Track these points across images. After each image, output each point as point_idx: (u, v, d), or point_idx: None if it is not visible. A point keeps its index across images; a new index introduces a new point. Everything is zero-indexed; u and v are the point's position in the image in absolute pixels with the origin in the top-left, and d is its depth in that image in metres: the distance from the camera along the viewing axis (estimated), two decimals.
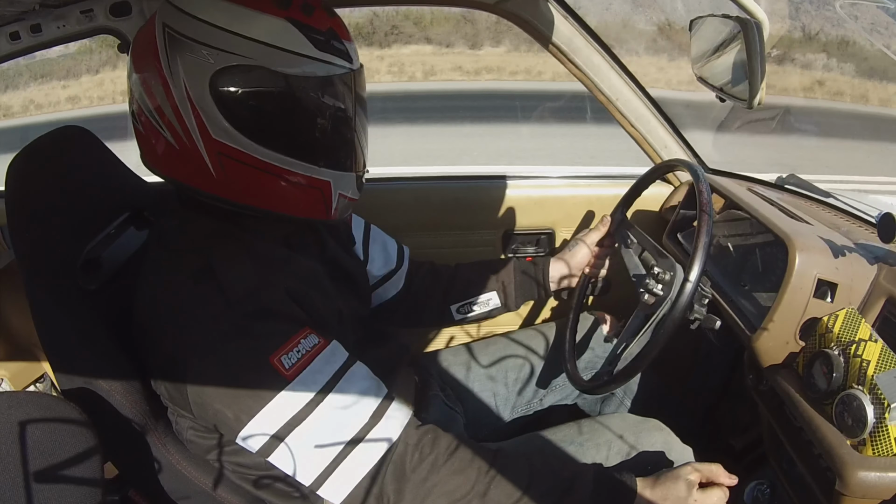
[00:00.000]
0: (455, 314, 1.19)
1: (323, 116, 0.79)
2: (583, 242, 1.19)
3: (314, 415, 0.70)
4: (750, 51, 0.90)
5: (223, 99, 0.72)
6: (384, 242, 1.16)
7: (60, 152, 0.91)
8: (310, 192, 0.80)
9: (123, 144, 1.12)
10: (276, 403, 0.70)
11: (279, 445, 0.71)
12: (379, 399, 0.75)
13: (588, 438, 0.97)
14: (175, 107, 0.73)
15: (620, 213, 1.19)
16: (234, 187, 0.77)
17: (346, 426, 0.72)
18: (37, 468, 0.66)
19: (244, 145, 0.74)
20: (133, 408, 0.78)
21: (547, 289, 1.19)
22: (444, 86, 8.11)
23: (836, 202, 1.24)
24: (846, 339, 0.83)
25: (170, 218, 0.84)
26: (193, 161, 0.75)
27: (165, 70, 0.72)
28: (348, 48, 0.79)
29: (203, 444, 0.80)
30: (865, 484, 0.75)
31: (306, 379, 0.71)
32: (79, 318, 0.80)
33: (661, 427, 1.01)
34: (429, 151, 5.45)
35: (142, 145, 0.80)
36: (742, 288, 1.07)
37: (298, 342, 0.72)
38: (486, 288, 1.19)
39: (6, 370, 1.56)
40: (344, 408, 0.72)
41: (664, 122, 1.37)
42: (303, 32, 0.73)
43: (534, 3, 1.24)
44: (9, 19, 1.14)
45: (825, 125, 6.86)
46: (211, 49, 0.71)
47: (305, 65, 0.74)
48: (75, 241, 0.86)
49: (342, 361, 0.75)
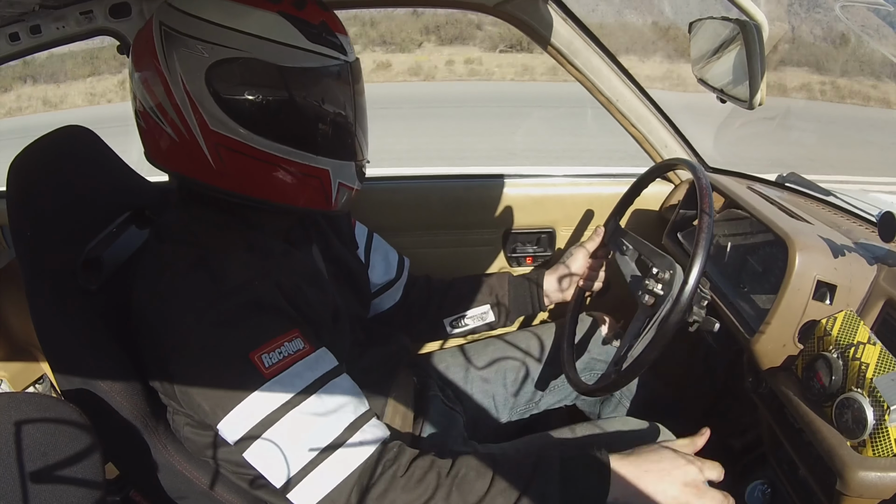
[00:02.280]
0: (448, 327, 1.20)
1: (317, 107, 0.80)
2: (576, 255, 1.19)
3: (288, 417, 0.70)
4: (749, 52, 0.90)
5: (219, 91, 0.74)
6: (386, 252, 1.17)
7: (62, 151, 0.91)
8: (308, 182, 0.80)
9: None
10: (251, 401, 0.70)
11: (253, 444, 0.70)
12: (358, 413, 0.75)
13: (587, 442, 0.97)
14: (174, 101, 0.75)
15: (614, 222, 1.19)
16: (234, 178, 0.78)
17: (321, 433, 0.71)
18: (36, 469, 0.66)
19: (241, 136, 0.75)
20: (133, 408, 0.78)
21: (541, 304, 1.19)
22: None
23: (836, 200, 1.23)
24: (845, 341, 0.83)
25: (171, 212, 0.84)
26: (194, 154, 0.76)
27: (163, 66, 0.74)
28: (342, 41, 0.80)
29: (199, 442, 0.80)
30: (866, 484, 0.75)
31: (284, 380, 0.71)
32: (79, 319, 0.80)
33: (661, 430, 1.01)
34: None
35: (145, 142, 0.82)
36: (741, 290, 1.07)
37: (282, 344, 0.72)
38: (479, 302, 1.19)
39: (5, 371, 1.56)
40: (320, 415, 0.72)
41: (664, 122, 1.38)
42: (294, 25, 0.75)
43: (533, 5, 1.24)
44: (8, 20, 1.15)
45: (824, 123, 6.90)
46: (205, 43, 0.73)
47: (298, 56, 0.75)
48: (76, 240, 0.86)
49: (326, 369, 0.75)
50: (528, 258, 1.53)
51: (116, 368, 0.79)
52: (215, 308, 0.71)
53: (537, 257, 1.53)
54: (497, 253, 1.52)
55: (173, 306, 0.73)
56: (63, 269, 0.82)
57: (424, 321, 1.19)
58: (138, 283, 0.79)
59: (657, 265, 0.98)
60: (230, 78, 0.74)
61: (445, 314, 1.19)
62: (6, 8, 1.05)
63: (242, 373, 0.70)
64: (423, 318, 1.19)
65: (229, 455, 0.81)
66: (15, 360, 1.57)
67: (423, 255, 1.43)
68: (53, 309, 0.79)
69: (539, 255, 1.53)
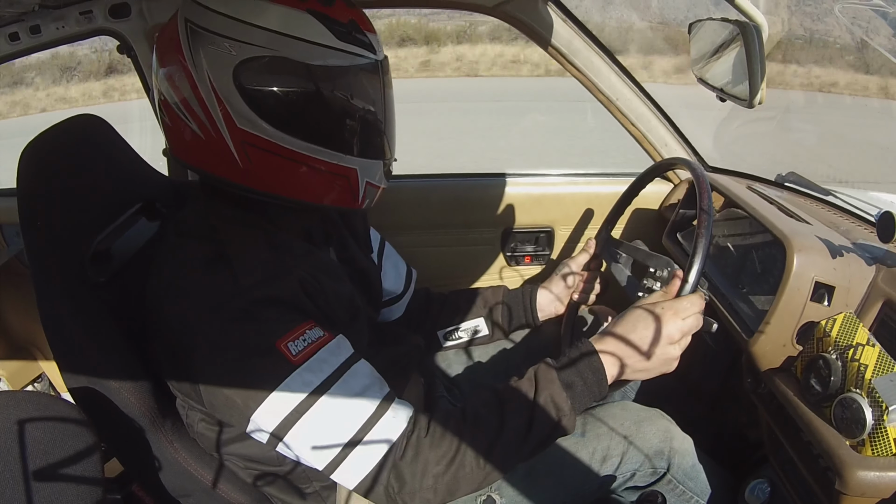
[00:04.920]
0: (441, 339, 1.20)
1: (347, 106, 0.79)
2: (569, 268, 1.18)
3: (322, 402, 0.71)
4: (749, 53, 0.90)
5: (247, 89, 0.73)
6: (396, 262, 1.17)
7: (73, 141, 0.90)
8: (336, 180, 0.80)
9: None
10: (283, 389, 0.70)
11: (288, 433, 0.71)
12: (384, 393, 0.76)
13: (591, 428, 0.98)
14: (200, 98, 0.74)
15: (605, 232, 1.18)
16: (260, 176, 0.77)
17: (354, 415, 0.73)
18: (36, 467, 0.66)
19: (269, 134, 0.75)
20: (141, 406, 0.78)
21: (535, 318, 1.19)
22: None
23: (835, 200, 1.23)
24: (844, 343, 0.83)
25: (191, 207, 0.84)
26: (220, 151, 0.76)
27: (189, 63, 0.74)
28: (371, 39, 0.79)
29: (214, 438, 0.81)
30: (865, 483, 0.75)
31: (313, 366, 0.71)
32: (87, 312, 0.79)
33: (662, 415, 1.02)
34: None
35: (169, 138, 0.81)
36: (740, 290, 1.07)
37: (304, 332, 0.72)
38: (473, 315, 1.19)
39: (4, 370, 1.56)
40: (351, 398, 0.73)
41: (664, 121, 1.38)
42: (323, 23, 0.74)
43: (533, 6, 1.24)
44: (8, 20, 1.15)
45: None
46: (233, 41, 0.72)
47: (328, 55, 0.74)
48: (85, 232, 0.85)
49: (347, 355, 0.76)
50: (527, 257, 1.53)
51: (125, 365, 0.79)
52: (234, 304, 0.71)
53: (536, 256, 1.53)
54: (496, 252, 1.52)
55: (192, 304, 0.72)
56: (72, 261, 0.81)
57: (420, 332, 1.19)
58: (153, 279, 0.78)
59: (654, 265, 0.98)
60: (258, 76, 0.73)
61: (439, 326, 1.20)
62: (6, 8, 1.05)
63: (272, 362, 0.70)
64: (419, 330, 1.19)
65: (244, 450, 0.81)
66: (14, 358, 1.58)
67: (423, 253, 1.43)
68: (61, 301, 0.78)
69: (537, 255, 1.53)
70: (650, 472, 0.97)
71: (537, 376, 0.79)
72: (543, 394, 0.77)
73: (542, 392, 0.78)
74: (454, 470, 0.74)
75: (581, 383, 0.78)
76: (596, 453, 0.95)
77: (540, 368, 0.81)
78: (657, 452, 0.97)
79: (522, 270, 1.55)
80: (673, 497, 0.99)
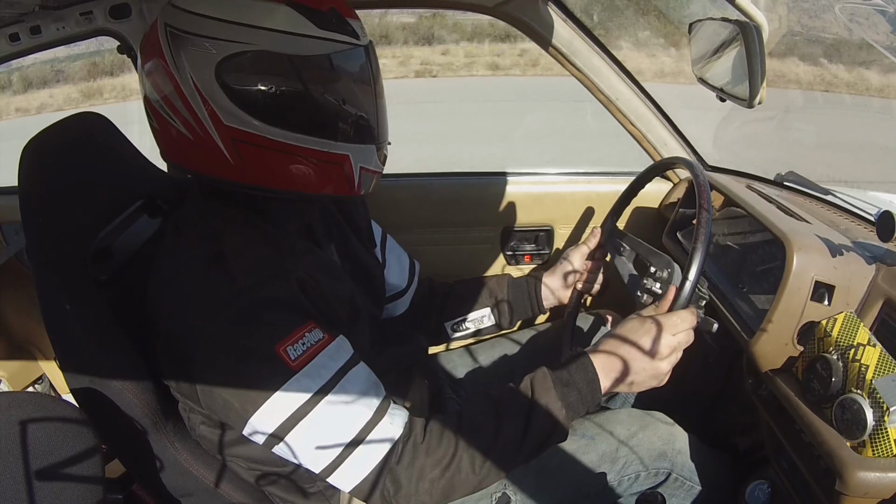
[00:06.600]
0: (449, 331, 1.20)
1: (332, 93, 0.79)
2: (573, 257, 1.18)
3: (319, 407, 0.71)
4: (749, 53, 0.90)
5: (230, 86, 0.73)
6: (399, 255, 1.17)
7: (75, 138, 0.90)
8: (330, 169, 0.80)
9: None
10: (281, 394, 0.70)
11: (286, 437, 0.71)
12: (380, 398, 0.77)
13: (600, 432, 0.99)
14: (185, 100, 0.74)
15: (611, 222, 1.18)
16: (253, 171, 0.77)
17: (351, 420, 0.73)
18: (37, 467, 0.66)
19: (257, 128, 0.75)
20: (144, 406, 0.78)
21: (540, 306, 1.19)
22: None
23: (835, 199, 1.23)
24: (845, 343, 0.83)
25: (190, 206, 0.84)
26: (210, 150, 0.76)
27: (172, 67, 0.74)
28: (354, 25, 0.79)
29: (216, 441, 0.81)
30: (865, 484, 0.75)
31: (311, 372, 0.71)
32: (89, 310, 0.79)
33: (664, 419, 1.03)
34: None
35: (159, 141, 0.82)
36: (740, 290, 1.07)
37: (303, 335, 0.72)
38: (479, 305, 1.19)
39: (5, 370, 1.56)
40: (348, 402, 0.73)
41: (663, 121, 1.38)
42: (302, 13, 0.74)
43: (533, 6, 1.24)
44: (8, 21, 1.15)
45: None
46: (213, 40, 0.72)
47: (308, 44, 0.74)
48: (87, 229, 0.85)
49: (346, 358, 0.76)
50: (527, 256, 1.53)
51: (128, 364, 0.78)
52: (233, 305, 0.71)
53: (535, 255, 1.53)
54: (496, 251, 1.52)
55: (191, 305, 0.72)
56: (73, 258, 0.81)
57: (427, 325, 1.19)
58: (153, 279, 0.78)
59: (655, 264, 0.98)
60: (240, 72, 0.73)
61: (446, 318, 1.19)
62: (6, 8, 1.05)
63: (270, 367, 0.70)
64: (425, 323, 1.19)
65: (247, 451, 0.81)
66: (14, 359, 1.57)
67: (422, 252, 1.43)
68: (63, 299, 0.78)
69: (537, 254, 1.53)
70: (654, 473, 0.99)
71: (534, 384, 0.81)
72: (539, 402, 0.79)
73: (539, 400, 0.79)
74: (450, 475, 0.75)
75: (576, 393, 0.80)
76: (605, 456, 0.97)
77: (536, 376, 0.82)
78: (660, 454, 0.99)
79: (522, 269, 1.55)
80: (681, 493, 1.01)
